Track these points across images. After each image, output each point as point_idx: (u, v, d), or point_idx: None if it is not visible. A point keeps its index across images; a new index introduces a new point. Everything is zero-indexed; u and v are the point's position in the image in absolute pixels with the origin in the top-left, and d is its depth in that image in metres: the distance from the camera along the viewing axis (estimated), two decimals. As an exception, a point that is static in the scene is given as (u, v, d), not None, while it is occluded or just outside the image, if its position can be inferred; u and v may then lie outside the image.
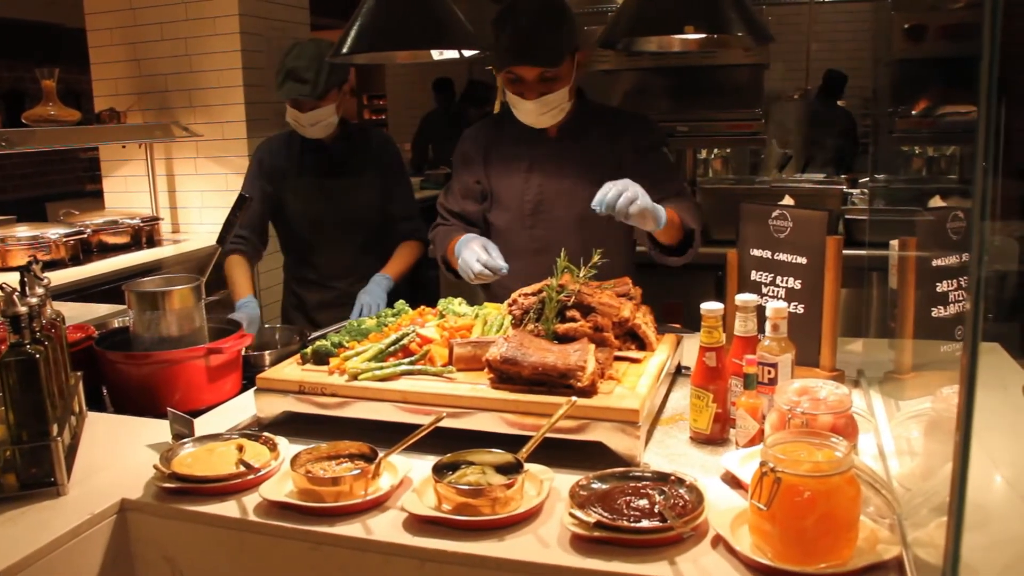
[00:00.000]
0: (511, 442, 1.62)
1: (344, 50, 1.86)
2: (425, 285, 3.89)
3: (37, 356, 1.60)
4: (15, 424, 1.61)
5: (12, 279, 3.67)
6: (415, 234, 3.22)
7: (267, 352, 2.48)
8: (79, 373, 2.01)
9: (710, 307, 1.78)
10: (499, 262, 2.39)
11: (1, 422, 1.65)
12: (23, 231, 4.32)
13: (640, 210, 2.09)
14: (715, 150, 5.70)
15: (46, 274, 1.92)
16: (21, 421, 1.61)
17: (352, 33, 1.86)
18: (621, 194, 2.07)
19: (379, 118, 14.38)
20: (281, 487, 1.55)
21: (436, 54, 2.16)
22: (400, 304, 2.21)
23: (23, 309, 1.61)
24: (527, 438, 1.64)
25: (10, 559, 1.40)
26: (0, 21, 12.84)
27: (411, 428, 1.71)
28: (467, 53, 2.07)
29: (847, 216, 4.04)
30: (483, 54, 2.00)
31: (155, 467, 1.62)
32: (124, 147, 5.16)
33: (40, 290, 1.79)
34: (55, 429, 1.63)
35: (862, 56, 7.79)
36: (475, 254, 2.40)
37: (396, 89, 10.63)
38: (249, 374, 2.29)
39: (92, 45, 5.31)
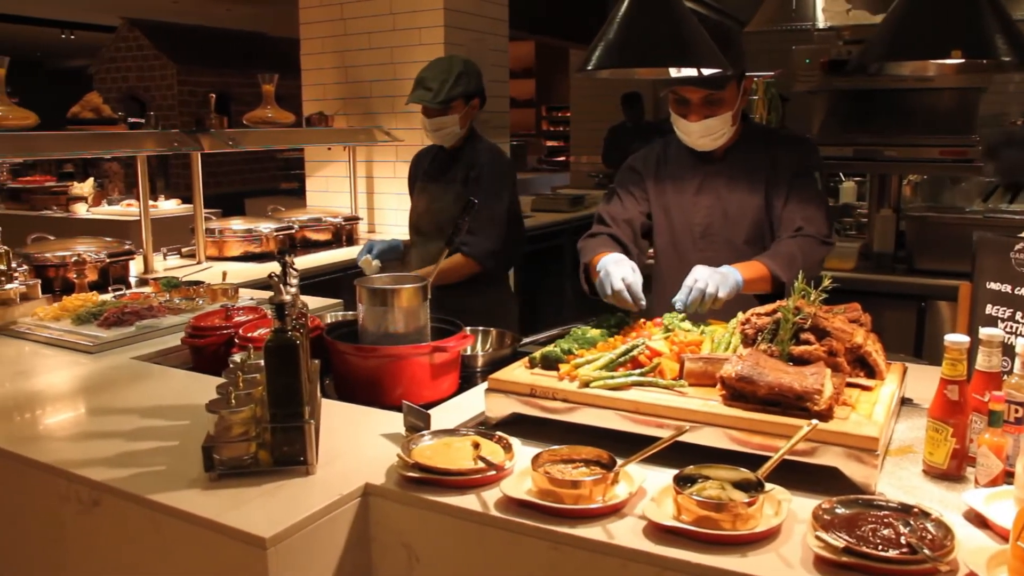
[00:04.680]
0: (734, 459, 1.62)
1: (590, 66, 1.90)
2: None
3: (297, 342, 1.71)
4: (272, 404, 1.73)
5: (231, 268, 3.90)
6: (466, 252, 3.23)
7: (480, 354, 2.56)
8: (317, 361, 2.13)
9: (955, 339, 1.72)
10: (640, 292, 2.31)
11: (254, 402, 1.77)
12: (238, 224, 4.61)
13: (724, 297, 2.22)
14: (910, 176, 5.49)
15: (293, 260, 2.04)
16: (278, 402, 1.72)
17: (599, 49, 1.90)
18: (703, 292, 2.19)
19: (558, 129, 14.56)
20: (520, 485, 1.60)
21: (674, 71, 2.18)
22: (620, 316, 2.24)
23: (287, 298, 1.73)
24: (752, 456, 1.65)
25: (277, 527, 1.51)
26: (211, 31, 13.77)
27: (637, 438, 1.74)
28: (706, 72, 2.08)
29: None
30: (724, 72, 2.00)
31: (398, 456, 1.70)
32: (329, 149, 5.42)
33: (294, 280, 1.91)
34: (307, 412, 1.73)
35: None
36: (623, 272, 2.31)
37: (580, 102, 10.72)
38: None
39: (304, 53, 5.62)
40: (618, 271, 2.31)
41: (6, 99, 3.34)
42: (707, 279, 2.21)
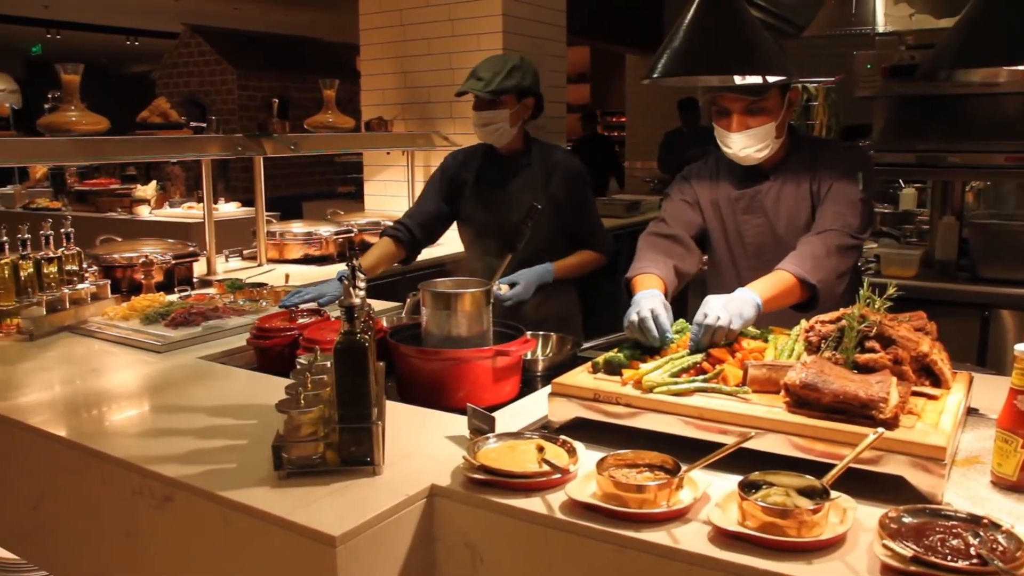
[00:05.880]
0: (796, 466, 1.62)
1: (656, 74, 1.91)
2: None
3: (366, 344, 1.74)
4: (340, 406, 1.76)
5: (291, 270, 3.97)
6: (597, 248, 3.29)
7: (540, 358, 2.58)
8: (382, 363, 2.16)
9: (1026, 349, 1.70)
10: (668, 327, 2.13)
11: (323, 403, 1.81)
12: (298, 227, 4.69)
13: (739, 329, 2.08)
14: (972, 183, 5.39)
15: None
16: (346, 403, 1.75)
17: (665, 56, 1.91)
18: (713, 330, 2.04)
19: (613, 135, 14.54)
20: (584, 489, 1.62)
21: (738, 78, 2.18)
22: (681, 323, 2.24)
23: (357, 301, 1.76)
24: (815, 463, 1.64)
25: (347, 525, 1.55)
26: (270, 37, 14.01)
27: (699, 444, 1.75)
28: (771, 79, 2.08)
29: None
30: (790, 80, 2.00)
31: (464, 458, 1.72)
32: (388, 153, 5.48)
33: (362, 284, 1.94)
34: (375, 413, 1.77)
35: None
36: (652, 304, 2.15)
37: (636, 107, 10.70)
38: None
39: (363, 58, 5.69)
40: (645, 308, 2.14)
41: (80, 104, 3.44)
42: (718, 313, 2.06)
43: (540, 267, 3.09)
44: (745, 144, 2.48)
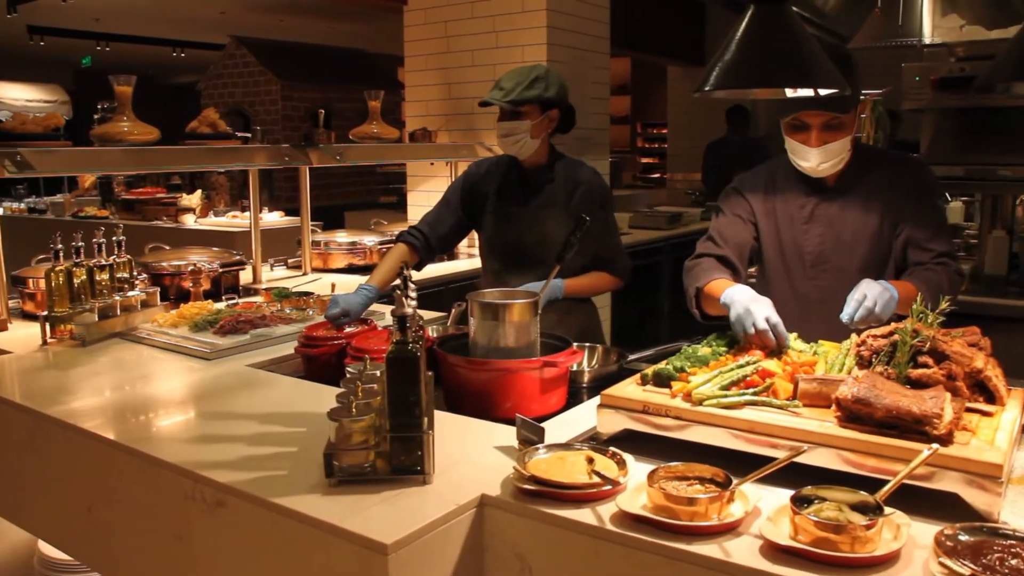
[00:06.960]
0: (845, 481, 1.61)
1: (707, 87, 1.91)
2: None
3: (418, 354, 1.76)
4: (391, 415, 1.78)
5: (336, 280, 3.99)
6: (614, 271, 3.20)
7: (586, 370, 2.58)
8: (431, 373, 2.17)
9: (1084, 365, 1.68)
10: (785, 332, 2.18)
11: (373, 412, 1.83)
12: (342, 237, 4.74)
13: (885, 319, 2.17)
14: (1022, 197, 5.32)
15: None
16: (397, 412, 1.77)
17: (717, 69, 1.91)
18: (871, 310, 2.16)
19: (653, 146, 14.51)
20: (635, 500, 1.62)
21: (790, 91, 2.17)
22: (731, 335, 2.24)
23: (409, 311, 1.78)
24: (866, 479, 1.63)
25: (398, 534, 1.56)
26: (313, 48, 14.18)
27: (749, 457, 1.74)
28: (823, 92, 2.07)
29: None
30: (841, 92, 1.99)
31: (515, 468, 1.73)
32: (432, 164, 5.52)
33: (413, 294, 1.96)
34: (425, 423, 1.78)
35: None
36: (765, 311, 2.19)
37: (677, 119, 10.67)
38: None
39: (408, 69, 5.74)
40: (760, 310, 2.19)
41: (132, 115, 3.50)
42: (876, 298, 2.18)
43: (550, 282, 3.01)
44: (823, 159, 2.48)
